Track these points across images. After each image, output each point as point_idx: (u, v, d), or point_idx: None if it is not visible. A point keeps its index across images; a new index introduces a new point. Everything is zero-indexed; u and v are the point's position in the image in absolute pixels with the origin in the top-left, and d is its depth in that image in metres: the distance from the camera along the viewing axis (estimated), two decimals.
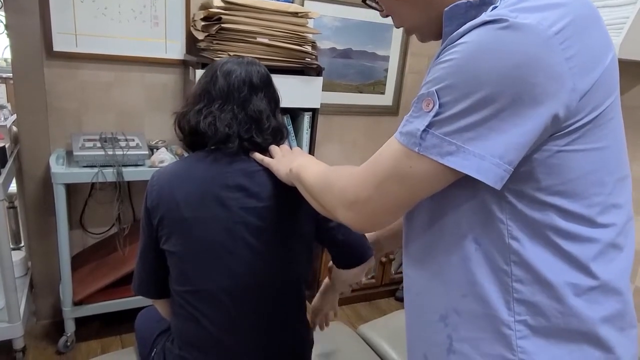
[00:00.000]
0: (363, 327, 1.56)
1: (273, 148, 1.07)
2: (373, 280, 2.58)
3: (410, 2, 0.71)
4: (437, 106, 0.60)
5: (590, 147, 0.63)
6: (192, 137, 1.07)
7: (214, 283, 1.03)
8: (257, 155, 1.05)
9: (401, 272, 2.70)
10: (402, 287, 3.01)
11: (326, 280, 1.24)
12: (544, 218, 0.64)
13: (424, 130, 0.61)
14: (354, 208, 0.69)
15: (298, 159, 0.95)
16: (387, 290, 2.67)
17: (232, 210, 1.01)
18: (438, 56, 0.65)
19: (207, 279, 1.03)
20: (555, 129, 0.61)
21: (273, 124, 1.07)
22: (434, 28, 0.71)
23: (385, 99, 2.67)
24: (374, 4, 0.76)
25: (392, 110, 2.71)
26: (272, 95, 1.09)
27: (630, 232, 0.71)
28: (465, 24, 0.64)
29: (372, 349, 1.48)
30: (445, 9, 0.67)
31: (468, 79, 0.59)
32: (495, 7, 0.63)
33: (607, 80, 0.62)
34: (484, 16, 0.60)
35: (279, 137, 1.09)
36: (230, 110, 1.03)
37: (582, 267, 0.65)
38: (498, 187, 0.60)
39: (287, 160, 0.99)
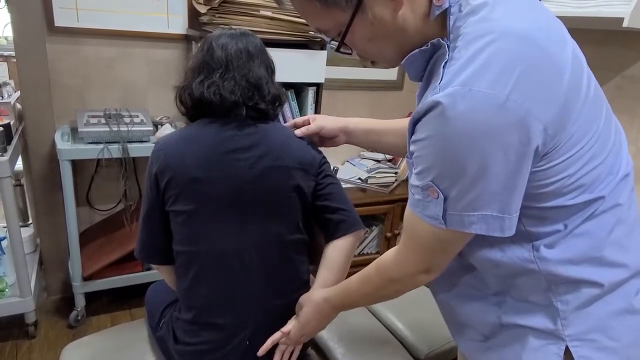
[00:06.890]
0: None
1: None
2: (377, 255, 2.60)
3: (383, 39, 0.72)
4: (442, 194, 0.67)
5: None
6: (195, 109, 1.10)
7: (222, 242, 1.06)
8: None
9: None
10: None
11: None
12: None
13: (443, 215, 0.68)
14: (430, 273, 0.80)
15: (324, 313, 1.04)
16: None
17: (242, 171, 1.05)
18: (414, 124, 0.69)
19: (215, 237, 1.06)
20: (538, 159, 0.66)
21: (272, 91, 1.11)
22: (402, 57, 0.74)
23: (390, 74, 2.64)
24: (347, 51, 0.80)
25: (397, 85, 2.69)
26: (268, 63, 1.13)
27: None
28: (427, 63, 0.71)
29: (378, 320, 1.50)
30: (402, 62, 0.73)
31: (452, 165, 0.64)
32: (449, 47, 0.65)
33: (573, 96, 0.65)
34: (437, 97, 0.62)
35: (277, 103, 1.13)
36: (232, 78, 1.06)
37: None
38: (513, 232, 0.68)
39: (319, 321, 1.06)
